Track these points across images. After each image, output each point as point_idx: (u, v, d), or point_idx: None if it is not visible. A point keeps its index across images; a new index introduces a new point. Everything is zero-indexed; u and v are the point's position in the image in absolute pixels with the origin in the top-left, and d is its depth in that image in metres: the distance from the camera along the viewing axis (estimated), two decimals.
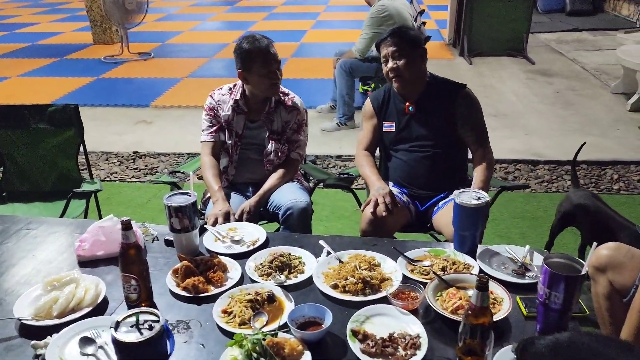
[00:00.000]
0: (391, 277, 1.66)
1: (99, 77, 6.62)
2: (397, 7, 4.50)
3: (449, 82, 2.37)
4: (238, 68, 2.35)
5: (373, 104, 2.43)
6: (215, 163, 2.43)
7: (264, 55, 2.29)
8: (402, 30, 2.31)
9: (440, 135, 2.30)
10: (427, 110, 2.32)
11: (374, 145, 2.47)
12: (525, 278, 1.64)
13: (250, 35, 2.34)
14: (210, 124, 2.46)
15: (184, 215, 1.77)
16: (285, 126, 2.45)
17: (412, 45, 2.25)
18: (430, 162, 2.31)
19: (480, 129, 2.31)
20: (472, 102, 2.30)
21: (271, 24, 10.06)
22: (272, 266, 1.73)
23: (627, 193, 3.58)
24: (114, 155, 4.39)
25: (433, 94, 2.32)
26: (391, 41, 2.25)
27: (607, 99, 5.36)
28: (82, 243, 1.82)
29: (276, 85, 2.36)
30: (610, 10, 9.79)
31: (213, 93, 2.49)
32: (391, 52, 2.25)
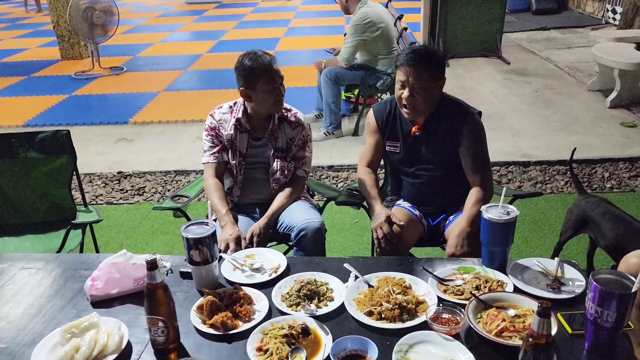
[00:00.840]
0: (426, 300, 1.62)
1: (71, 95, 6.40)
2: (379, 13, 4.52)
3: (460, 105, 2.22)
4: (240, 86, 2.27)
5: (377, 118, 2.31)
6: (220, 185, 2.34)
7: (267, 72, 2.22)
8: (426, 54, 2.08)
9: (446, 158, 2.22)
10: (434, 133, 2.20)
11: (377, 162, 2.40)
12: (562, 293, 1.61)
13: (251, 52, 2.27)
14: (212, 145, 2.37)
15: (203, 246, 1.68)
16: (290, 143, 2.38)
17: (435, 76, 2.09)
18: (437, 183, 2.25)
19: (480, 157, 2.19)
20: (477, 131, 2.19)
21: (242, 32, 9.95)
22: (300, 295, 1.66)
23: (620, 191, 3.64)
24: (98, 177, 4.23)
25: (442, 116, 2.19)
26: (413, 70, 2.05)
27: (585, 97, 5.46)
28: (95, 282, 1.72)
29: (280, 101, 2.30)
30: (574, 8, 10.03)
31: (213, 112, 2.41)
32: (410, 82, 2.06)
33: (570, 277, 1.69)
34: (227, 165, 2.39)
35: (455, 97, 2.26)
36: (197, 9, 13.13)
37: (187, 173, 4.22)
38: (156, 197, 3.90)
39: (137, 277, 1.74)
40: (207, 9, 13.18)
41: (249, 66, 2.22)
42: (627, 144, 4.30)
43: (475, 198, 2.12)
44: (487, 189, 2.16)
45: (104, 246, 3.22)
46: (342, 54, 4.50)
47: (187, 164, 4.36)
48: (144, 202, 3.85)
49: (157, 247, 3.27)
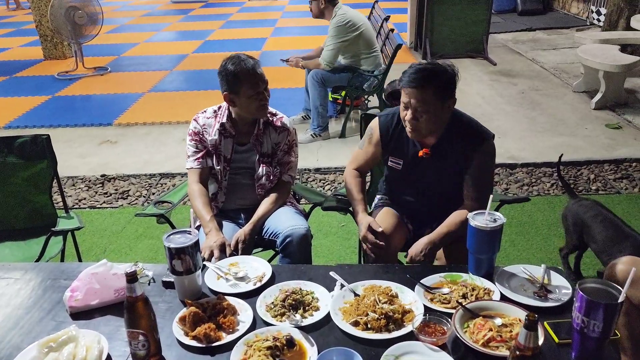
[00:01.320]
0: (412, 309, 1.60)
1: (54, 95, 6.30)
2: (356, 15, 4.55)
3: (473, 129, 2.03)
4: (224, 91, 2.23)
5: (382, 131, 2.15)
6: (205, 191, 2.30)
7: (251, 76, 2.18)
8: (431, 74, 1.89)
9: (450, 181, 2.08)
10: (443, 157, 2.04)
11: (368, 169, 2.36)
12: (549, 301, 1.60)
13: (235, 56, 2.23)
14: (197, 150, 2.33)
15: (186, 255, 1.65)
16: (275, 148, 2.35)
17: (440, 98, 1.91)
18: (434, 207, 2.17)
19: (484, 187, 2.02)
20: (489, 159, 2.04)
21: (229, 32, 9.88)
22: (285, 305, 1.63)
23: (605, 193, 3.66)
24: (81, 180, 4.16)
25: (454, 139, 2.02)
26: (416, 92, 1.88)
27: (570, 98, 5.49)
28: (74, 293, 1.67)
29: (265, 106, 2.27)
30: (560, 9, 10.10)
31: (197, 117, 2.36)
32: (413, 105, 1.90)
33: (557, 284, 1.68)
34: (211, 171, 2.35)
35: (471, 118, 2.08)
36: (182, 8, 13.02)
37: (172, 176, 4.17)
38: (140, 201, 3.85)
39: (118, 288, 1.69)
40: (193, 8, 13.08)
41: (232, 71, 2.18)
42: (612, 145, 4.33)
43: (461, 219, 1.99)
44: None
45: (86, 252, 3.17)
46: (324, 57, 4.48)
47: (173, 166, 4.31)
48: (128, 206, 3.79)
49: (141, 252, 3.22)
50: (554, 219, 3.34)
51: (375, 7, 6.43)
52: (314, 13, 4.58)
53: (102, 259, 3.03)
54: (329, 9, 4.49)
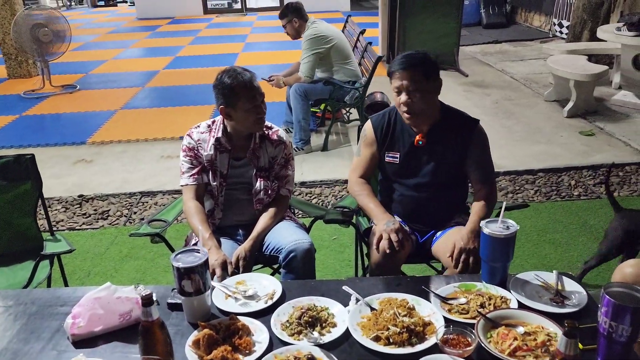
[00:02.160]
0: (432, 321, 1.57)
1: (22, 115, 6.08)
2: (328, 27, 4.63)
3: (463, 115, 2.21)
4: (220, 104, 2.18)
5: (376, 130, 2.24)
6: (202, 207, 2.23)
7: (248, 90, 2.15)
8: (418, 58, 2.07)
9: (448, 171, 2.18)
10: (438, 143, 2.15)
11: (371, 174, 2.34)
12: (566, 307, 1.60)
13: (230, 69, 2.19)
14: (192, 166, 2.26)
15: (196, 275, 1.58)
16: (272, 162, 2.31)
17: (429, 78, 2.05)
18: (433, 198, 2.21)
19: (489, 167, 2.19)
20: (484, 140, 2.17)
21: (199, 48, 9.79)
22: (301, 322, 1.57)
23: (587, 198, 3.74)
24: (57, 201, 4.00)
25: (446, 125, 2.15)
26: (406, 73, 2.04)
27: (543, 107, 5.64)
28: (76, 319, 1.58)
29: (262, 120, 2.23)
30: (522, 22, 10.42)
31: (191, 132, 2.30)
32: (405, 86, 2.04)
33: (571, 289, 1.68)
34: (207, 187, 2.29)
35: (454, 107, 2.24)
36: (149, 25, 12.85)
37: (153, 194, 4.06)
38: (122, 221, 3.72)
39: (123, 312, 1.61)
40: (160, 24, 12.93)
41: (229, 84, 2.14)
42: (588, 152, 4.44)
43: (483, 203, 2.12)
44: (493, 196, 2.17)
45: (69, 276, 3.01)
46: (302, 70, 4.53)
47: (153, 184, 4.20)
48: (109, 226, 3.66)
49: (127, 274, 3.10)
50: (542, 225, 3.40)
51: (349, 21, 6.49)
52: (292, 35, 4.63)
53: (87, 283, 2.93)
54: (302, 26, 4.57)
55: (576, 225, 3.39)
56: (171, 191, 4.05)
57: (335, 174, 4.22)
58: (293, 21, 4.54)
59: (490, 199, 2.15)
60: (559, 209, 3.59)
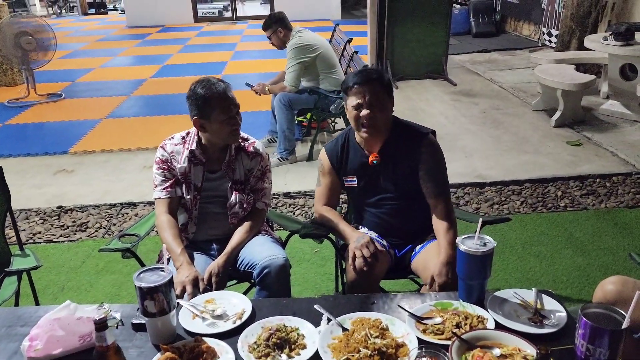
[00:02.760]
0: (405, 342, 1.51)
1: (4, 124, 5.99)
2: (313, 37, 4.60)
3: (412, 128, 2.18)
4: (194, 116, 2.13)
5: (331, 159, 2.23)
6: (174, 222, 2.16)
7: (223, 100, 2.09)
8: (377, 72, 2.09)
9: (407, 185, 2.14)
10: (391, 160, 2.14)
11: (336, 201, 2.32)
12: (545, 327, 1.54)
13: (204, 79, 2.13)
14: (164, 179, 2.20)
15: (159, 295, 1.51)
16: (248, 174, 2.25)
17: (387, 93, 2.07)
18: (401, 212, 2.18)
19: (441, 180, 2.14)
20: (434, 151, 2.14)
21: (188, 56, 9.74)
22: (269, 344, 1.51)
23: (573, 209, 3.69)
24: (35, 213, 3.91)
25: (397, 141, 2.14)
26: (367, 87, 2.02)
27: (530, 117, 5.61)
28: (34, 342, 1.50)
29: (237, 131, 2.17)
30: (511, 31, 10.45)
31: (165, 144, 2.23)
32: (368, 100, 2.02)
33: (550, 308, 1.63)
34: (180, 200, 2.22)
35: (406, 120, 2.22)
36: (139, 33, 12.79)
37: (134, 205, 3.98)
38: (101, 233, 3.64)
39: (84, 334, 1.54)
40: (150, 32, 12.87)
41: (203, 95, 2.08)
42: (575, 162, 4.41)
43: (445, 226, 2.05)
44: (451, 213, 2.11)
45: (42, 291, 2.94)
46: (287, 80, 4.49)
47: (134, 195, 4.12)
48: (87, 238, 3.58)
49: (102, 288, 3.02)
50: (528, 238, 3.34)
51: (337, 30, 6.45)
52: (278, 45, 4.60)
53: (60, 298, 2.84)
54: (287, 35, 4.54)
55: (562, 237, 3.34)
56: (152, 202, 3.96)
57: None
58: (278, 31, 4.50)
59: (449, 216, 2.08)
60: (544, 221, 3.55)
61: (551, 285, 2.84)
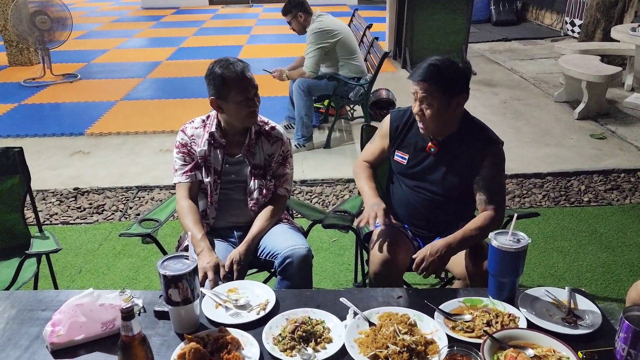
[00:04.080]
0: (434, 339, 1.47)
1: (20, 103, 5.98)
2: (333, 21, 4.50)
3: (484, 132, 2.05)
4: (211, 95, 2.07)
5: (392, 125, 2.14)
6: (195, 207, 2.13)
7: (240, 81, 2.02)
8: (440, 71, 1.91)
9: (454, 184, 2.04)
10: (450, 154, 2.02)
11: (378, 163, 2.26)
12: (579, 328, 1.49)
13: (223, 59, 2.07)
14: (185, 163, 2.16)
15: (183, 284, 1.48)
16: (269, 159, 2.19)
17: (447, 93, 1.90)
18: (434, 206, 2.09)
19: (496, 190, 2.00)
20: (499, 162, 2.01)
21: (203, 39, 9.67)
22: (294, 337, 1.47)
23: (597, 204, 3.61)
24: (52, 194, 3.91)
25: (463, 138, 2.01)
26: (423, 85, 1.90)
27: (552, 108, 5.50)
28: (56, 327, 1.48)
29: (254, 113, 2.10)
30: (533, 20, 10.25)
31: (185, 127, 2.19)
32: (420, 98, 1.92)
33: (584, 308, 1.58)
34: (201, 185, 2.18)
35: (481, 122, 2.10)
36: (154, 15, 12.73)
37: (149, 189, 3.96)
38: (117, 216, 3.62)
39: (106, 320, 1.52)
40: (165, 14, 12.80)
41: (220, 74, 2.02)
42: (599, 155, 4.32)
43: (480, 223, 1.94)
44: (497, 221, 1.98)
45: (60, 272, 2.94)
46: (306, 65, 4.41)
47: (150, 179, 4.10)
48: (103, 221, 3.57)
49: (120, 272, 3.01)
50: (550, 232, 3.28)
51: (356, 16, 6.36)
52: (298, 30, 4.52)
53: (78, 281, 2.84)
54: (308, 20, 4.45)
55: (585, 233, 3.27)
56: (168, 186, 3.95)
57: (337, 172, 4.10)
58: (298, 16, 4.42)
59: (491, 223, 1.95)
60: (567, 215, 3.47)
61: (575, 282, 2.78)
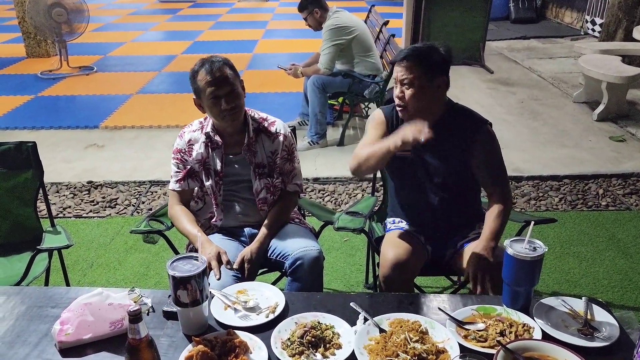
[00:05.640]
0: (446, 348, 1.43)
1: (37, 95, 6.03)
2: (350, 18, 4.45)
3: (469, 114, 2.05)
4: (193, 94, 2.06)
5: (386, 116, 2.09)
6: (187, 210, 2.14)
7: (209, 77, 1.95)
8: (423, 52, 1.92)
9: (455, 170, 2.04)
10: (442, 142, 1.97)
11: None
12: (596, 340, 1.45)
13: (206, 57, 2.05)
14: (178, 170, 2.14)
15: (192, 285, 1.46)
16: (272, 156, 2.15)
17: (429, 74, 1.90)
18: (443, 203, 2.07)
19: (498, 169, 2.06)
20: (492, 141, 2.03)
21: (219, 33, 9.67)
22: (303, 342, 1.45)
23: (615, 209, 3.54)
24: (65, 187, 3.93)
25: (451, 124, 2.00)
26: (405, 65, 1.90)
27: (571, 109, 5.41)
28: (64, 326, 1.48)
29: (229, 112, 1.98)
30: (553, 18, 10.09)
31: (183, 132, 2.16)
32: (401, 79, 1.91)
33: (601, 320, 1.53)
34: (192, 193, 2.17)
35: (464, 106, 2.09)
36: (170, 8, 12.77)
37: (162, 184, 3.96)
38: (129, 210, 3.63)
39: (114, 320, 1.51)
40: (181, 7, 12.83)
41: (194, 71, 2.01)
42: (618, 158, 4.23)
43: (497, 211, 1.97)
44: (508, 201, 2.02)
45: (71, 266, 2.95)
46: (321, 62, 4.37)
47: (162, 173, 4.10)
48: (116, 215, 3.58)
49: (131, 267, 3.01)
50: (567, 237, 3.22)
51: (372, 12, 6.29)
52: (314, 26, 4.47)
53: (89, 275, 2.84)
54: (324, 16, 4.40)
55: (603, 238, 3.20)
56: None
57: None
58: (314, 12, 4.38)
59: (504, 205, 2.00)
60: (584, 220, 3.41)
61: (591, 289, 2.72)
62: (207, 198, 2.18)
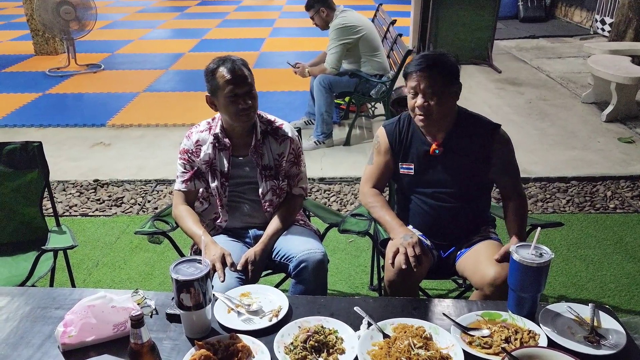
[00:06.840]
0: (450, 355, 1.42)
1: (45, 93, 6.06)
2: (357, 17, 4.44)
3: (481, 120, 2.05)
4: (207, 92, 2.05)
5: (390, 138, 2.09)
6: (192, 210, 2.13)
7: (231, 76, 1.96)
8: (437, 59, 1.94)
9: (467, 180, 2.03)
10: (456, 151, 2.01)
11: (385, 184, 2.20)
12: (602, 348, 1.43)
13: (223, 56, 2.05)
14: (184, 170, 2.14)
15: (195, 289, 1.46)
16: (279, 159, 2.14)
17: (448, 81, 1.92)
18: (453, 211, 2.05)
19: (516, 174, 2.08)
20: (508, 145, 2.03)
21: (226, 31, 9.67)
22: (306, 347, 1.45)
23: (623, 211, 3.50)
24: (72, 185, 3.94)
25: (463, 132, 2.01)
26: (424, 74, 1.90)
27: (579, 109, 5.36)
28: (68, 328, 1.48)
29: (244, 112, 2.00)
30: (562, 17, 10.01)
31: (190, 132, 2.16)
32: (423, 88, 1.91)
33: (608, 327, 1.51)
34: (198, 193, 2.17)
35: (474, 112, 2.08)
36: (178, 5, 12.79)
37: (168, 183, 3.97)
38: (135, 209, 3.64)
39: (117, 323, 1.51)
40: (189, 5, 12.85)
41: (212, 69, 2.00)
42: (627, 160, 4.19)
43: (521, 212, 2.03)
44: (525, 198, 2.09)
45: (76, 265, 2.96)
46: (328, 61, 4.36)
47: (168, 172, 4.10)
48: (122, 214, 3.59)
49: (136, 266, 3.02)
50: (574, 240, 3.19)
51: (379, 10, 6.27)
52: (321, 25, 4.46)
53: (94, 274, 2.85)
54: (330, 15, 4.39)
55: (610, 241, 3.17)
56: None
57: (356, 170, 4.05)
58: (320, 11, 4.36)
59: (523, 211, 2.04)
60: (592, 222, 3.37)
61: (598, 293, 2.70)
62: (212, 199, 2.18)
